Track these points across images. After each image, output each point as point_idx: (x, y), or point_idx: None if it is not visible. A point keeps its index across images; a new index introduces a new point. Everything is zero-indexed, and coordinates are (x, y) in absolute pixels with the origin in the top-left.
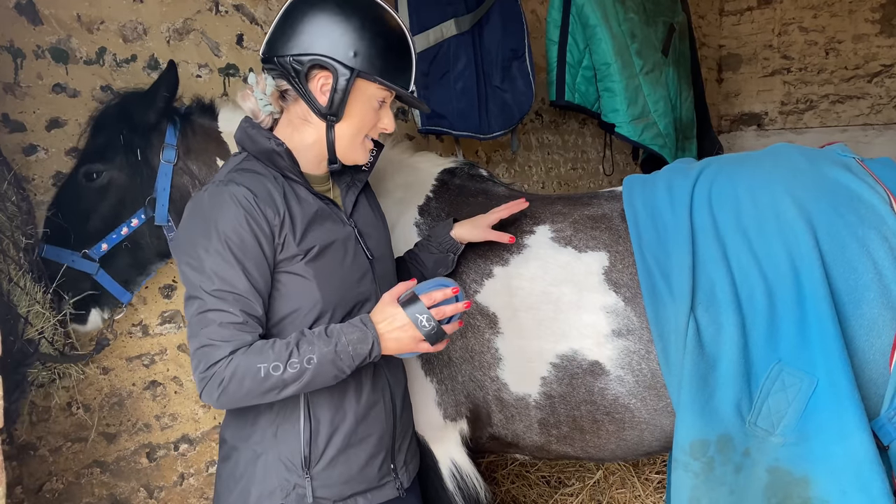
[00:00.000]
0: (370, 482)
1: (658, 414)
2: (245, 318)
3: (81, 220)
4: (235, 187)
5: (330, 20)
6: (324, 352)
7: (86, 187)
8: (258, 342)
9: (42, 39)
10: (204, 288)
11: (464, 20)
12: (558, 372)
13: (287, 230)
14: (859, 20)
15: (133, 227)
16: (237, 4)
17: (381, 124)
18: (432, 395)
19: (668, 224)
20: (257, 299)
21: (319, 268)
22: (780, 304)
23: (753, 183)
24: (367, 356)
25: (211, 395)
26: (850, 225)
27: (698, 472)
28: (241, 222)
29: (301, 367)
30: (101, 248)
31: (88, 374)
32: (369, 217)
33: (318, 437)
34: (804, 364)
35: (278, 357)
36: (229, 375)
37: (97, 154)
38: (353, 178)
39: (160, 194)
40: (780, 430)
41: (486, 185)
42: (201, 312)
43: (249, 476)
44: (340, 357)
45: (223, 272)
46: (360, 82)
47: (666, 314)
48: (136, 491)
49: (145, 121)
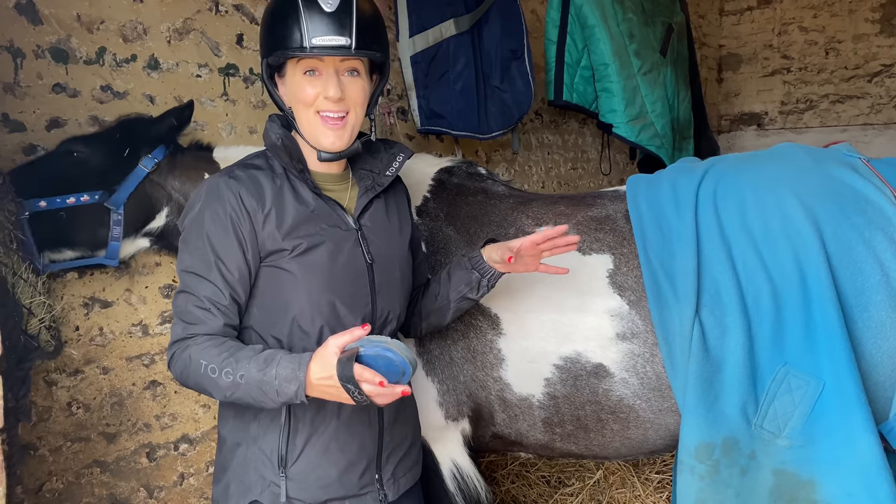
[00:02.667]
0: (349, 490)
1: (663, 413)
2: (210, 306)
3: (43, 175)
4: (227, 179)
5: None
6: (253, 375)
7: (64, 157)
8: (218, 337)
9: (42, 39)
10: (184, 268)
11: (463, 20)
12: (562, 373)
13: (271, 224)
14: (859, 20)
15: (81, 202)
16: (237, 4)
17: (322, 93)
18: (433, 395)
19: (673, 225)
20: (227, 290)
21: (306, 266)
22: (786, 306)
23: (759, 183)
24: (292, 396)
25: (172, 368)
26: (856, 226)
27: (704, 474)
28: (222, 216)
29: (234, 380)
30: (38, 204)
31: (88, 373)
32: (381, 222)
33: (296, 435)
34: (810, 367)
35: (219, 361)
36: (183, 360)
37: (88, 139)
38: (375, 181)
39: (123, 188)
40: (786, 433)
41: (486, 184)
42: (179, 292)
43: (232, 468)
44: (265, 387)
45: (198, 259)
46: (287, 68)
47: (671, 317)
48: (136, 491)
49: (144, 133)
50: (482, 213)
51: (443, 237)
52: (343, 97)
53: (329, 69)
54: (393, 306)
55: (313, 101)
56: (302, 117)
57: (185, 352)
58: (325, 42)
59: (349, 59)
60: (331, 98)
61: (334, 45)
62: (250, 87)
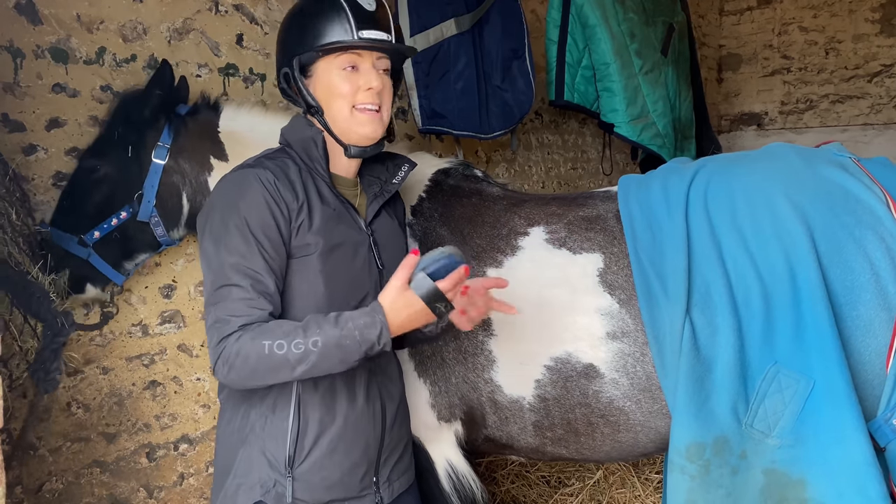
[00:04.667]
0: (350, 491)
1: (653, 416)
2: (257, 295)
3: (82, 207)
4: (260, 170)
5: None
6: (329, 335)
7: (87, 179)
8: (271, 321)
9: (42, 39)
10: (220, 263)
11: (464, 20)
12: (552, 375)
13: (304, 217)
14: (859, 20)
15: (122, 220)
16: (237, 4)
17: (363, 86)
18: (425, 396)
19: (664, 225)
20: (271, 277)
21: (329, 264)
22: (776, 305)
23: (749, 183)
24: (375, 342)
25: (221, 371)
26: (846, 225)
27: (695, 474)
28: (261, 202)
29: (306, 349)
30: (93, 236)
31: (88, 373)
32: (389, 229)
33: (305, 436)
34: (801, 365)
35: (284, 336)
36: (236, 352)
37: (96, 149)
38: (383, 188)
39: (147, 191)
40: (776, 432)
41: (481, 186)
42: (217, 288)
43: (235, 468)
44: (346, 340)
45: (240, 249)
46: (319, 66)
47: (661, 316)
48: (136, 491)
49: (140, 118)
50: (476, 214)
51: (436, 237)
52: (381, 90)
53: (367, 64)
54: None
55: (353, 94)
56: (337, 112)
57: (235, 345)
58: (372, 35)
59: (384, 58)
60: (374, 88)
61: (381, 39)
62: (250, 87)
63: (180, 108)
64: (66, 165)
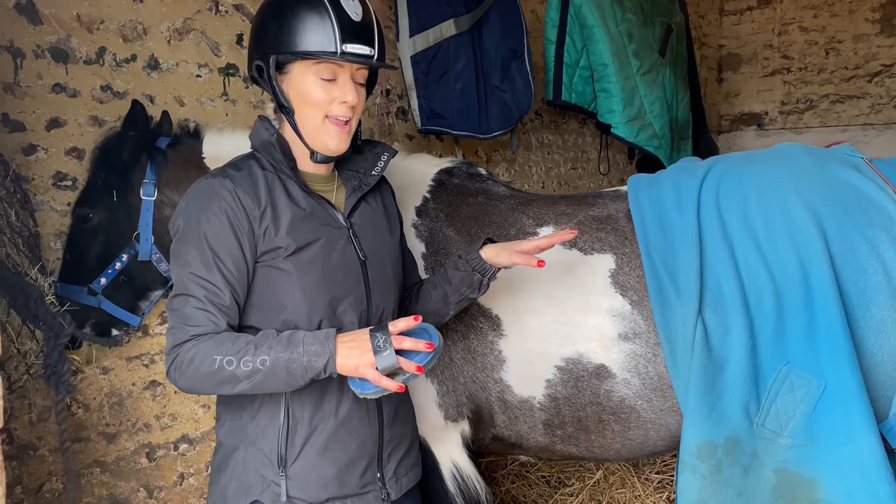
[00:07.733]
0: (350, 489)
1: (664, 414)
2: (213, 307)
3: (85, 257)
4: (221, 179)
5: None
6: (279, 356)
7: (83, 229)
8: (224, 333)
9: (42, 39)
10: (180, 273)
11: (463, 20)
12: (563, 375)
13: (268, 222)
14: (859, 20)
15: (125, 262)
16: (237, 4)
17: (338, 98)
18: (433, 396)
19: (676, 225)
20: (227, 290)
21: (302, 264)
22: (788, 305)
23: (761, 183)
24: (321, 371)
25: (172, 375)
26: (859, 226)
27: (706, 474)
28: (221, 215)
29: (253, 367)
30: (101, 283)
31: (88, 373)
32: (372, 220)
33: (295, 435)
34: (812, 366)
35: (235, 353)
36: (188, 360)
37: (86, 199)
38: (362, 181)
39: (143, 230)
40: (788, 432)
41: (486, 185)
42: (175, 296)
43: (230, 469)
44: (293, 364)
45: (198, 262)
46: (295, 67)
47: (673, 316)
48: (136, 491)
49: (120, 162)
50: (483, 213)
51: (443, 238)
52: (356, 104)
53: (346, 76)
54: (387, 303)
55: (327, 105)
56: (306, 119)
57: (189, 353)
58: (356, 50)
59: (364, 69)
60: (349, 103)
61: (364, 54)
62: (250, 87)
63: (160, 142)
64: (66, 165)
